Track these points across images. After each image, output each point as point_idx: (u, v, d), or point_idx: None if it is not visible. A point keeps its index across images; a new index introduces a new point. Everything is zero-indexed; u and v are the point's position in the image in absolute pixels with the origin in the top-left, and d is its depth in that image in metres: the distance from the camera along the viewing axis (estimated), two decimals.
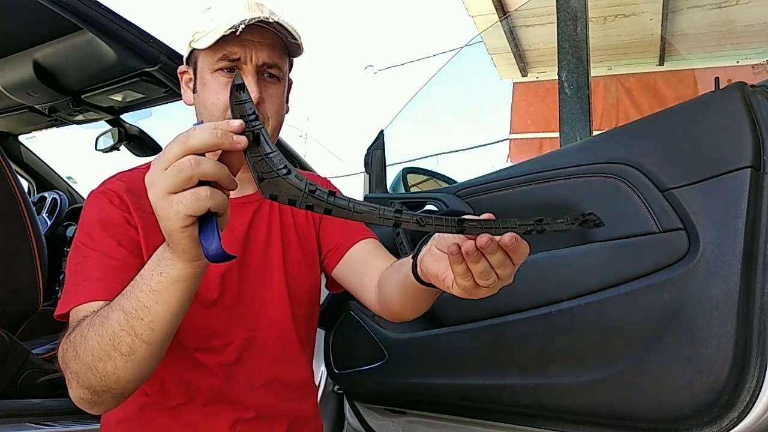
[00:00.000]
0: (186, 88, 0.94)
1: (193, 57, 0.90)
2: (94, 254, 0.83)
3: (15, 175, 1.33)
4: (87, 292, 0.80)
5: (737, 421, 0.92)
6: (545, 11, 3.34)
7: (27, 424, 1.08)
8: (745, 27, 3.38)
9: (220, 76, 0.87)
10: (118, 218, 0.86)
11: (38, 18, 1.39)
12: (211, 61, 0.87)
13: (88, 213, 0.88)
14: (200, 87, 0.89)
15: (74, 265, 0.84)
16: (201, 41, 0.86)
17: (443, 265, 0.68)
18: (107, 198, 0.88)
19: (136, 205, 0.87)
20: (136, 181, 0.90)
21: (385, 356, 1.37)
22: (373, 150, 1.58)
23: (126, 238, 0.85)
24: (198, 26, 0.88)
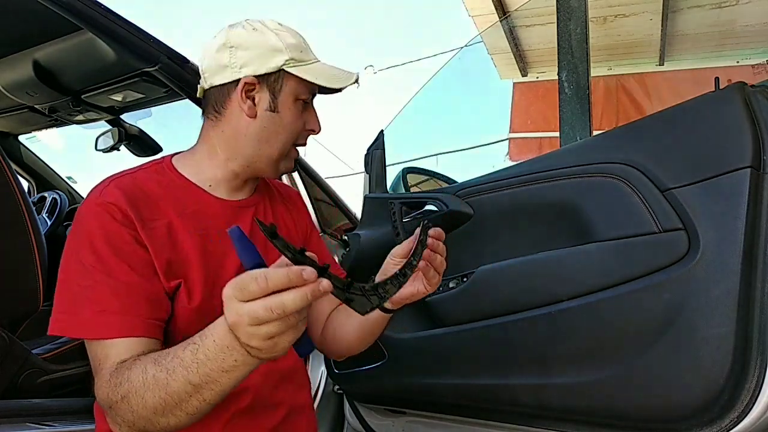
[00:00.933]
0: (247, 101, 0.92)
1: (280, 79, 0.92)
2: (108, 281, 0.80)
3: (15, 175, 1.33)
4: (108, 328, 0.79)
5: (737, 421, 0.92)
6: (545, 11, 3.34)
7: (27, 424, 1.08)
8: (745, 27, 3.38)
9: (301, 104, 0.95)
10: (126, 238, 0.83)
11: (38, 18, 1.39)
12: (302, 91, 0.94)
13: (89, 227, 0.83)
14: (282, 109, 0.93)
15: (80, 286, 0.81)
16: (311, 74, 0.92)
17: (410, 286, 0.90)
18: (109, 213, 0.83)
19: (140, 220, 0.85)
20: (133, 190, 0.87)
21: (385, 356, 1.37)
22: (373, 150, 1.58)
23: (137, 260, 0.83)
24: (292, 53, 0.91)
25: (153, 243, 0.85)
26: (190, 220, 0.90)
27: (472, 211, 1.27)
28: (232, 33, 0.91)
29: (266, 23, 0.94)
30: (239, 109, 0.92)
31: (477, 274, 1.20)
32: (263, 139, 0.93)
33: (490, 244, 1.24)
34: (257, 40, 0.91)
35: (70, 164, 2.73)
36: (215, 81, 0.92)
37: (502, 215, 1.23)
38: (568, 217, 1.12)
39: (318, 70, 0.93)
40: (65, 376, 1.32)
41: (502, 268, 1.18)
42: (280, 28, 0.94)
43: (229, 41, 0.91)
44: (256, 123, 0.92)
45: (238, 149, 0.94)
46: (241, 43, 0.90)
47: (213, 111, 0.94)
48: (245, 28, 0.92)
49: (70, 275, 0.83)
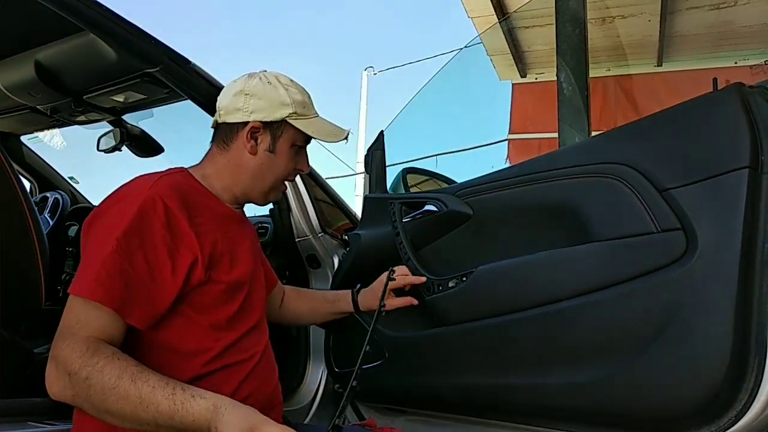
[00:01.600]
0: (251, 141, 1.08)
1: (281, 127, 1.09)
2: (124, 263, 0.88)
3: (17, 175, 1.33)
4: (110, 297, 0.87)
5: (735, 420, 0.92)
6: (544, 12, 3.35)
7: (29, 423, 1.08)
8: (743, 28, 3.39)
9: (295, 149, 1.13)
10: (160, 236, 0.93)
11: (40, 19, 1.40)
12: (298, 139, 1.12)
13: (133, 208, 0.91)
14: (279, 151, 1.11)
15: (102, 255, 0.87)
16: (309, 128, 1.10)
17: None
18: (154, 206, 0.93)
19: (187, 217, 0.97)
20: (181, 189, 1.00)
21: (385, 355, 1.38)
22: (373, 150, 1.58)
23: (159, 261, 0.93)
24: (297, 108, 1.09)
25: (200, 235, 0.98)
26: (216, 221, 1.06)
27: (472, 211, 1.27)
28: (250, 83, 1.09)
29: (280, 79, 1.11)
30: (243, 145, 1.08)
31: (476, 273, 1.20)
32: (259, 176, 1.11)
33: (489, 244, 1.25)
34: (269, 93, 1.08)
35: (71, 164, 2.74)
36: (228, 119, 1.09)
37: (501, 215, 1.24)
38: (566, 218, 1.12)
39: (315, 124, 1.12)
40: None
41: (501, 267, 1.19)
42: (291, 84, 1.11)
43: (245, 89, 1.08)
44: (255, 159, 1.09)
45: (238, 178, 1.10)
46: (256, 92, 1.07)
47: (222, 142, 1.10)
48: (261, 81, 1.09)
49: (97, 243, 0.91)
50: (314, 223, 1.73)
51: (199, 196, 1.05)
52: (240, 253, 1.08)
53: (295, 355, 1.72)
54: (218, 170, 1.10)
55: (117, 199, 0.96)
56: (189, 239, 0.96)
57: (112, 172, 2.76)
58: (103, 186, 3.19)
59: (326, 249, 1.73)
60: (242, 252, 1.10)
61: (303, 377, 1.71)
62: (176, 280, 0.93)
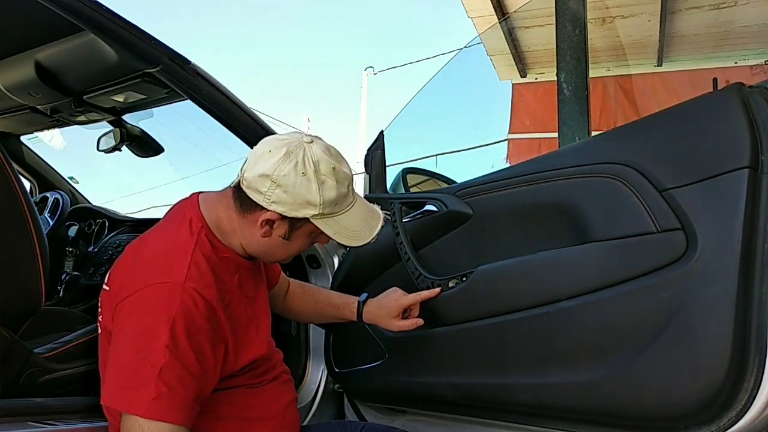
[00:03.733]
0: (265, 227, 1.00)
1: (300, 221, 1.01)
2: (178, 366, 0.88)
3: (17, 175, 1.33)
4: (172, 413, 0.88)
5: (735, 420, 0.92)
6: (544, 12, 3.35)
7: (29, 423, 1.08)
8: (743, 28, 3.39)
9: (315, 235, 1.05)
10: (205, 330, 0.93)
11: (40, 19, 1.39)
12: (315, 231, 1.03)
13: (170, 308, 0.90)
14: (295, 240, 1.04)
15: (149, 363, 0.87)
16: (331, 228, 1.02)
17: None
18: (193, 300, 0.92)
19: (221, 306, 0.97)
20: (210, 272, 0.98)
21: (385, 355, 1.38)
22: (373, 150, 1.58)
23: (208, 354, 0.94)
24: (325, 208, 0.99)
25: (230, 322, 0.98)
26: (239, 289, 1.05)
27: (472, 211, 1.27)
28: (281, 168, 0.96)
29: (320, 167, 0.97)
30: (258, 225, 1.00)
31: (476, 273, 1.20)
32: (270, 252, 1.06)
33: (489, 244, 1.25)
34: (298, 188, 0.96)
35: (71, 164, 2.74)
36: (248, 193, 0.99)
37: (501, 215, 1.24)
38: (566, 217, 1.12)
39: (342, 223, 1.03)
40: (67, 375, 1.32)
41: (501, 267, 1.19)
42: (330, 175, 0.98)
43: (274, 175, 0.96)
44: (267, 241, 1.03)
45: (250, 245, 1.05)
46: (283, 184, 0.96)
47: (240, 206, 1.02)
48: (296, 168, 0.96)
49: (136, 351, 0.89)
50: None
51: (223, 265, 1.02)
52: (261, 308, 1.12)
53: (295, 355, 1.72)
54: (233, 229, 1.04)
55: (149, 291, 0.92)
56: (223, 331, 0.97)
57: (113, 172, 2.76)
58: (103, 186, 3.20)
59: (326, 249, 1.73)
60: (262, 303, 1.13)
61: (303, 377, 1.71)
62: (216, 370, 0.96)
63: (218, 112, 1.44)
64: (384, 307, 1.26)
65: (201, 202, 1.05)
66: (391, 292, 1.27)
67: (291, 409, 1.13)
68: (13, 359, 1.22)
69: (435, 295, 1.23)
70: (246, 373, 1.05)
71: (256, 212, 1.00)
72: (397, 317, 1.24)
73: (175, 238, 1.00)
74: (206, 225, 1.03)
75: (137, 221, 2.28)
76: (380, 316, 1.26)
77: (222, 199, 1.05)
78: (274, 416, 1.08)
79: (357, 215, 1.06)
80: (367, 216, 1.08)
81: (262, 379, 1.09)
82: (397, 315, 1.24)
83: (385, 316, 1.25)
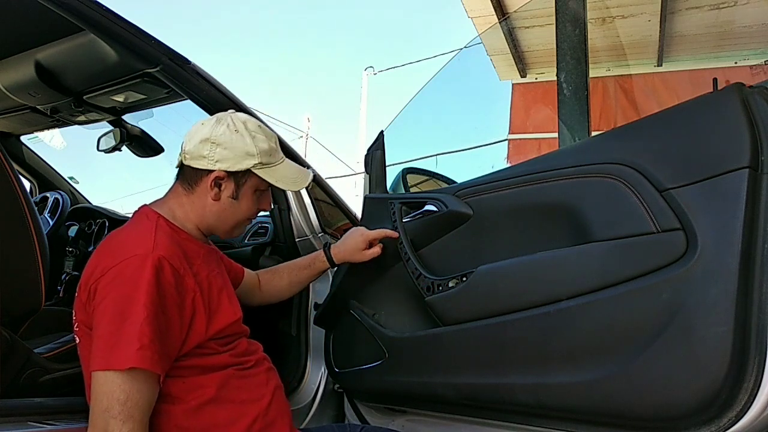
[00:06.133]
0: (214, 188, 1.12)
1: (245, 176, 1.14)
2: (155, 322, 0.94)
3: (17, 175, 1.33)
4: (152, 362, 0.92)
5: (735, 420, 0.92)
6: (544, 13, 3.35)
7: (29, 423, 1.08)
8: (743, 28, 3.39)
9: (259, 193, 1.18)
10: (176, 289, 1.00)
11: (40, 19, 1.40)
12: (261, 184, 1.17)
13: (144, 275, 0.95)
14: (242, 197, 1.15)
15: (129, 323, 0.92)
16: (272, 176, 1.15)
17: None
18: (161, 266, 0.97)
19: (189, 273, 1.04)
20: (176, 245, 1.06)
21: (385, 355, 1.38)
22: (373, 151, 1.58)
23: (180, 311, 1.00)
24: (262, 158, 1.13)
25: (200, 287, 1.05)
26: (206, 263, 1.12)
27: (472, 211, 1.27)
28: (217, 130, 1.10)
29: (248, 125, 1.13)
30: (207, 191, 1.12)
31: (476, 273, 1.20)
32: (221, 218, 1.16)
33: (489, 244, 1.25)
34: (235, 142, 1.10)
35: (72, 164, 2.74)
36: (192, 164, 1.11)
37: (501, 215, 1.24)
38: (566, 218, 1.12)
39: (279, 172, 1.17)
40: (67, 375, 1.32)
41: (501, 267, 1.19)
42: (258, 131, 1.14)
43: (212, 137, 1.10)
44: (218, 205, 1.13)
45: (203, 218, 1.14)
46: (222, 142, 1.10)
47: (187, 184, 1.14)
48: (229, 128, 1.11)
49: (118, 316, 0.94)
50: (314, 223, 1.74)
51: (186, 243, 1.10)
52: (230, 284, 1.18)
53: (295, 355, 1.73)
54: (185, 212, 1.14)
55: (122, 265, 0.97)
56: (194, 293, 1.03)
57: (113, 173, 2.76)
58: (103, 186, 3.19)
59: None
60: (228, 281, 1.19)
61: (303, 377, 1.71)
62: (182, 336, 1.01)
63: (218, 112, 1.44)
64: (351, 243, 1.38)
65: (151, 206, 1.14)
66: (354, 230, 1.40)
67: (278, 395, 1.16)
68: (14, 359, 1.23)
69: (396, 237, 1.34)
70: (227, 349, 1.09)
71: (204, 178, 1.11)
72: (365, 249, 1.36)
73: (136, 227, 1.08)
74: (161, 216, 1.11)
75: None
76: (350, 251, 1.38)
77: (168, 195, 1.16)
78: (261, 398, 1.10)
79: (291, 168, 1.21)
80: (299, 170, 1.23)
81: (245, 360, 1.12)
82: (365, 247, 1.36)
83: (356, 250, 1.37)
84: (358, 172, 10.01)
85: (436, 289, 1.26)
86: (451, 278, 1.24)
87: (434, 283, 1.26)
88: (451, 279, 1.24)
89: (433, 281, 1.27)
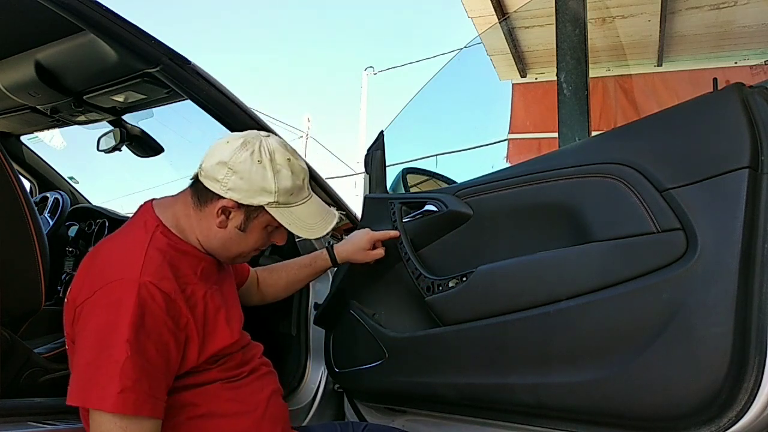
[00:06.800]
0: (221, 216, 1.03)
1: (256, 210, 1.04)
2: (139, 360, 0.88)
3: (17, 175, 1.33)
4: (138, 406, 0.87)
5: (735, 420, 0.92)
6: (544, 13, 3.35)
7: (29, 423, 1.08)
8: (743, 28, 3.39)
9: (271, 228, 1.08)
10: (163, 322, 0.92)
11: (40, 19, 1.40)
12: (272, 223, 1.06)
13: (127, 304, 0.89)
14: (250, 231, 1.06)
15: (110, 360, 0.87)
16: (286, 219, 1.04)
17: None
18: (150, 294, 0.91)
19: (183, 298, 0.97)
20: (167, 264, 0.97)
21: (385, 355, 1.38)
22: (373, 151, 1.58)
23: (168, 344, 0.93)
24: (280, 197, 1.02)
25: (194, 312, 0.98)
26: (203, 280, 1.05)
27: (472, 211, 1.27)
28: (238, 156, 1.00)
29: (275, 156, 1.02)
30: (214, 215, 1.03)
31: (476, 273, 1.20)
32: (226, 246, 1.07)
33: (489, 244, 1.25)
34: (254, 175, 1.00)
35: (72, 164, 2.74)
36: (206, 183, 1.03)
37: (501, 215, 1.24)
38: (566, 218, 1.12)
39: (297, 214, 1.06)
40: (67, 375, 1.31)
41: (501, 268, 1.19)
42: (285, 165, 1.03)
43: (231, 162, 1.00)
44: (223, 232, 1.05)
45: (207, 239, 1.06)
46: (239, 170, 1.00)
47: (197, 199, 1.05)
48: (252, 157, 1.00)
49: (98, 348, 0.88)
50: None
51: (183, 258, 1.03)
52: (231, 301, 1.12)
53: (295, 355, 1.73)
54: (191, 225, 1.06)
55: (106, 290, 0.91)
56: (186, 322, 0.96)
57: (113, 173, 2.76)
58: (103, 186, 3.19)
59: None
60: (231, 296, 1.13)
61: (303, 377, 1.71)
62: (178, 361, 0.96)
63: (218, 112, 1.44)
64: (356, 243, 1.35)
65: (155, 207, 1.07)
66: (358, 231, 1.37)
67: (274, 401, 1.11)
68: (14, 359, 1.23)
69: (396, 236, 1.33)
70: (219, 365, 1.04)
71: (213, 202, 1.03)
72: (369, 249, 1.34)
73: (129, 238, 1.02)
74: (162, 224, 1.04)
75: None
76: (354, 251, 1.35)
77: (178, 199, 1.08)
78: (254, 409, 1.06)
79: (312, 209, 1.09)
80: (322, 212, 1.12)
81: (237, 372, 1.07)
82: (369, 248, 1.34)
83: (360, 250, 1.34)
84: (358, 172, 10.01)
85: (436, 289, 1.26)
86: (451, 278, 1.24)
87: (434, 283, 1.26)
88: (451, 279, 1.24)
89: (433, 281, 1.27)
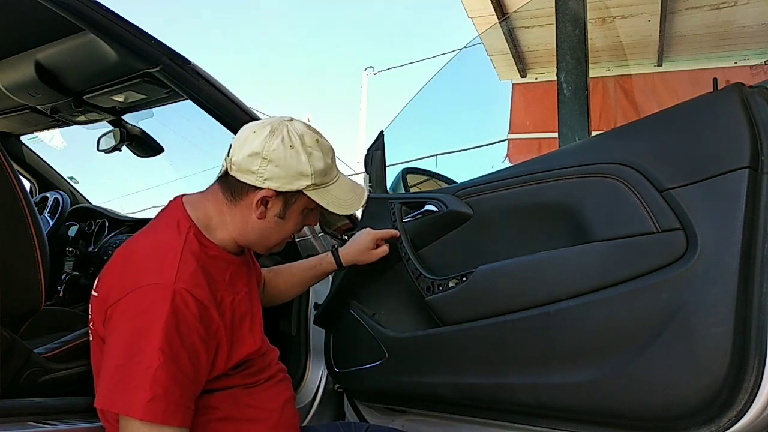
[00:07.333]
0: (260, 207, 1.02)
1: (294, 195, 1.04)
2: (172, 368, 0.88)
3: (17, 175, 1.33)
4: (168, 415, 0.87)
5: (735, 420, 0.92)
6: (544, 13, 3.35)
7: (29, 423, 1.08)
8: (743, 28, 3.39)
9: (307, 212, 1.09)
10: (197, 330, 0.92)
11: (40, 19, 1.40)
12: (309, 205, 1.07)
13: (161, 310, 0.89)
14: (289, 217, 1.06)
15: (141, 366, 0.86)
16: (324, 199, 1.05)
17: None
18: (184, 301, 0.91)
19: (214, 304, 0.97)
20: (200, 271, 0.97)
21: (385, 355, 1.38)
22: (373, 151, 1.59)
23: (200, 353, 0.94)
24: (316, 178, 1.02)
25: (224, 319, 0.98)
26: (231, 286, 1.05)
27: (472, 211, 1.28)
28: (270, 144, 0.99)
29: (305, 139, 1.02)
30: (252, 207, 1.03)
31: (476, 273, 1.20)
32: (264, 236, 1.08)
33: (489, 244, 1.25)
34: (289, 160, 1.00)
35: (72, 164, 2.74)
36: (239, 177, 1.01)
37: (501, 215, 1.24)
38: (566, 218, 1.12)
39: (333, 193, 1.07)
40: (67, 375, 1.32)
41: (501, 267, 1.19)
42: (315, 147, 1.03)
43: (264, 152, 0.99)
44: (262, 223, 1.05)
45: (243, 233, 1.06)
46: (274, 158, 0.99)
47: (230, 194, 1.04)
48: (284, 142, 1.00)
49: (129, 353, 0.88)
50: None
51: (213, 263, 1.02)
52: (255, 307, 1.12)
53: (295, 355, 1.73)
54: (223, 222, 1.05)
55: (140, 293, 0.91)
56: (217, 329, 0.97)
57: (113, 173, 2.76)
58: (103, 186, 3.20)
59: (326, 249, 1.73)
60: (255, 301, 1.13)
61: (303, 377, 1.71)
62: (208, 368, 0.96)
63: (218, 112, 1.44)
64: (360, 244, 1.35)
65: (186, 204, 1.06)
66: (360, 232, 1.37)
67: (287, 408, 1.12)
68: (13, 359, 1.23)
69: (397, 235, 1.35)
70: (240, 371, 1.04)
71: (250, 194, 1.02)
72: (373, 248, 1.34)
73: (164, 239, 1.00)
74: (194, 224, 1.03)
75: (137, 221, 2.28)
76: (358, 252, 1.35)
77: (208, 196, 1.07)
78: (269, 416, 1.07)
79: (345, 186, 1.11)
80: (353, 186, 1.14)
81: (257, 378, 1.08)
82: (373, 247, 1.34)
83: (364, 250, 1.34)
84: (358, 172, 10.00)
85: (436, 289, 1.26)
86: (451, 278, 1.24)
87: (434, 283, 1.26)
88: (451, 279, 1.24)
89: (433, 281, 1.27)
